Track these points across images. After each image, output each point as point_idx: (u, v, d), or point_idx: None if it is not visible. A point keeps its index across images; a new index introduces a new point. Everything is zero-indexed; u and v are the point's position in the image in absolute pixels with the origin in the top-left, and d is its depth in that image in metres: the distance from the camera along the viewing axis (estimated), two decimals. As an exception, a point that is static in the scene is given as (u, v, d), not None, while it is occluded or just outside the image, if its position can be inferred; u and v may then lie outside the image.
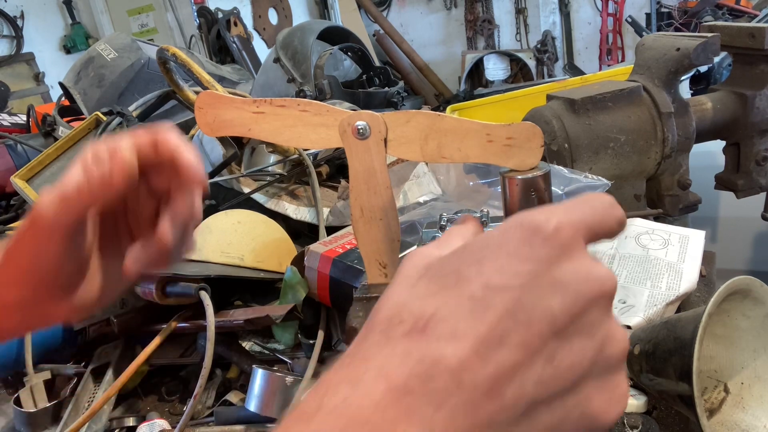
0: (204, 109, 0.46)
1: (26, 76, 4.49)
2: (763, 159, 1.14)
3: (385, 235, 0.44)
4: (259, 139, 0.46)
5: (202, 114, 0.46)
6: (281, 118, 0.45)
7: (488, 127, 0.40)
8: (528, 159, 0.41)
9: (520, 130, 0.40)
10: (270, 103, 0.45)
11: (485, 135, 0.40)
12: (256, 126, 0.45)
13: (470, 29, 5.46)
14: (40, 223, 0.45)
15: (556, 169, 0.95)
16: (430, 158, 0.42)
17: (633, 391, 0.66)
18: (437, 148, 0.42)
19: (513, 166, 0.41)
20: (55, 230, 0.45)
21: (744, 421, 0.59)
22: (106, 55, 1.53)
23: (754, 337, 0.60)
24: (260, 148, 1.33)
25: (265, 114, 0.45)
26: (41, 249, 0.45)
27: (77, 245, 0.47)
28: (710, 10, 3.83)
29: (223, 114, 0.46)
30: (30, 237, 0.46)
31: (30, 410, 0.84)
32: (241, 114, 0.45)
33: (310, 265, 0.90)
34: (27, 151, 1.56)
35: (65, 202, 0.44)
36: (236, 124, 0.46)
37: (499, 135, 0.40)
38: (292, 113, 0.44)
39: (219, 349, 0.88)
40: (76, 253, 0.47)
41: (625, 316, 0.74)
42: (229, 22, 4.62)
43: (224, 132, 0.46)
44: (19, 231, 0.47)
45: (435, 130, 0.41)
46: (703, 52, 1.03)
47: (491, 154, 0.41)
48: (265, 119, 0.45)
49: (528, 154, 0.41)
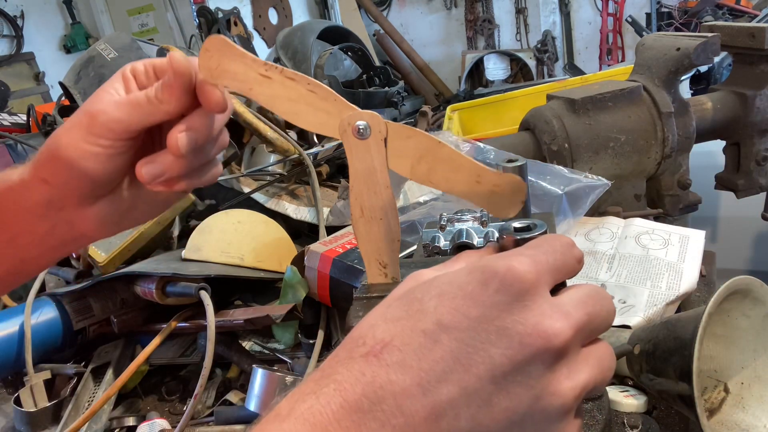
0: (210, 52, 0.45)
1: (26, 76, 4.49)
2: (763, 159, 1.13)
3: (385, 235, 0.44)
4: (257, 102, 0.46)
5: (207, 57, 0.45)
6: (286, 90, 0.44)
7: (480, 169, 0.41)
8: (507, 210, 0.42)
9: (508, 181, 0.41)
10: (280, 72, 0.44)
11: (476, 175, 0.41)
12: (258, 88, 0.45)
13: (470, 29, 5.45)
14: (99, 119, 0.45)
15: (556, 169, 0.95)
16: (418, 179, 0.42)
17: (633, 390, 0.66)
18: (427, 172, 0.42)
19: (492, 212, 0.42)
20: (113, 129, 0.46)
21: (744, 421, 0.59)
22: (107, 54, 1.53)
23: (754, 337, 0.60)
24: (260, 147, 1.33)
25: (272, 80, 0.45)
26: (88, 145, 0.46)
27: (124, 155, 0.48)
28: (710, 10, 3.83)
29: (228, 64, 0.45)
30: (80, 130, 0.46)
31: (30, 410, 0.84)
32: (247, 71, 0.45)
33: (310, 265, 0.90)
34: (27, 150, 1.56)
35: (134, 107, 0.46)
36: (239, 79, 0.45)
37: (488, 180, 0.41)
38: (299, 89, 0.44)
39: (219, 349, 0.88)
40: (119, 163, 0.48)
41: (625, 316, 0.74)
42: (229, 21, 4.61)
43: (224, 80, 0.46)
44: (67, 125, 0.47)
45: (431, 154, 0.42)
46: (703, 52, 1.03)
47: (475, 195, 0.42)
48: (270, 85, 0.45)
49: (509, 206, 0.42)
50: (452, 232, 0.52)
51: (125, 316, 0.95)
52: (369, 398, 0.28)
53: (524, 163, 0.48)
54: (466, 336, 0.29)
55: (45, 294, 0.96)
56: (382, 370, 0.29)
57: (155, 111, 0.46)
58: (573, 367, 0.30)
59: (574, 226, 0.92)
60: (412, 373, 0.28)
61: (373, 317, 0.32)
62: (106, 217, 0.50)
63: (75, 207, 0.49)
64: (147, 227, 1.08)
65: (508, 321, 0.29)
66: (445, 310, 0.30)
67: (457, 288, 0.31)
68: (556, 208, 0.89)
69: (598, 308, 0.32)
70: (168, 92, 0.45)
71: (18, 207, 0.49)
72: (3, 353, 0.88)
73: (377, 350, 0.29)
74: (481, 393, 0.28)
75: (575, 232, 0.93)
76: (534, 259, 0.31)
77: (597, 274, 0.84)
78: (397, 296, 0.33)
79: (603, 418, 0.54)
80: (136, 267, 0.95)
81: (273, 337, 0.95)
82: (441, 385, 0.28)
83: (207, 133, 0.48)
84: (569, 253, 0.34)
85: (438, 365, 0.28)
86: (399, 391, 0.28)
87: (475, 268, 0.31)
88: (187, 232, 1.10)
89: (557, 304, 0.31)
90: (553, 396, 0.29)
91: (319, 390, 0.29)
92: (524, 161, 0.48)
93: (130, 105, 0.46)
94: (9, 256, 0.52)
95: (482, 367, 0.28)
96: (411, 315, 0.30)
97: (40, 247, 0.52)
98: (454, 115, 1.94)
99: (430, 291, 0.31)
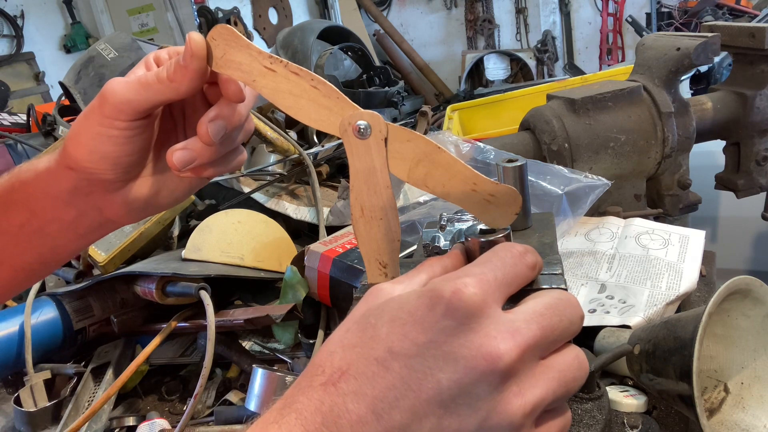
0: (217, 41, 0.45)
1: (26, 76, 4.49)
2: (763, 159, 1.13)
3: (385, 235, 0.44)
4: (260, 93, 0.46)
5: (213, 45, 0.45)
6: (290, 84, 0.44)
7: (477, 177, 0.41)
8: (500, 220, 0.42)
9: (505, 192, 0.41)
10: (285, 66, 0.44)
11: (472, 183, 0.41)
12: (262, 80, 0.45)
13: (470, 29, 5.45)
14: (111, 100, 0.46)
15: (556, 169, 0.95)
16: (414, 182, 0.42)
17: (633, 390, 0.66)
18: (424, 176, 0.42)
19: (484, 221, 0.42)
20: (123, 110, 0.46)
21: (744, 421, 0.59)
22: (107, 54, 1.53)
23: (754, 337, 0.60)
24: (260, 147, 1.33)
25: (276, 73, 0.44)
26: (103, 128, 0.46)
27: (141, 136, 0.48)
28: (710, 10, 3.83)
29: (234, 54, 0.45)
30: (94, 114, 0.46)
31: (30, 410, 0.84)
32: (251, 62, 0.45)
33: (310, 265, 0.90)
34: (27, 150, 1.56)
35: (143, 86, 0.46)
36: (243, 70, 0.45)
37: (484, 188, 0.41)
38: (303, 84, 0.44)
39: (219, 349, 0.88)
40: (138, 145, 0.48)
41: (625, 316, 0.74)
42: (229, 21, 4.62)
43: (228, 70, 0.46)
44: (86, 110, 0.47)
45: (429, 159, 0.41)
46: (703, 51, 1.03)
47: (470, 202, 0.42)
48: (273, 78, 0.45)
49: (502, 216, 0.42)
50: (452, 232, 0.52)
51: (125, 316, 0.95)
52: (328, 428, 0.29)
53: (524, 163, 0.48)
54: (414, 363, 0.30)
55: (45, 294, 0.96)
56: (339, 399, 0.30)
57: (164, 90, 0.46)
58: (525, 384, 0.31)
59: (574, 226, 0.92)
60: (367, 401, 0.29)
61: (332, 343, 0.33)
62: (132, 202, 0.51)
63: (101, 193, 0.50)
64: (147, 227, 1.08)
65: (455, 345, 0.30)
66: (395, 337, 0.31)
67: (407, 314, 0.32)
68: (556, 208, 0.89)
69: (556, 320, 0.33)
70: (181, 72, 0.45)
71: (46, 195, 0.50)
72: (3, 353, 0.88)
73: (335, 379, 0.30)
74: (431, 417, 0.29)
75: (575, 232, 0.93)
76: (480, 279, 0.32)
77: (597, 274, 0.84)
78: (355, 319, 0.34)
79: (603, 418, 0.54)
80: (136, 267, 0.95)
81: (273, 337, 0.95)
82: (393, 411, 0.29)
83: (236, 121, 0.49)
84: (521, 263, 0.35)
85: (390, 392, 0.30)
86: (355, 419, 0.29)
87: (423, 293, 0.32)
88: (187, 232, 1.10)
89: (505, 323, 0.31)
90: (500, 415, 0.30)
91: (281, 419, 0.30)
92: (524, 161, 0.48)
93: (138, 84, 0.46)
94: (38, 244, 0.53)
95: (431, 392, 0.29)
96: (365, 342, 0.31)
97: (68, 234, 0.53)
98: (454, 115, 1.94)
99: (383, 316, 0.32)
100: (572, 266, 0.86)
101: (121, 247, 1.06)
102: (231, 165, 0.53)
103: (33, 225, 0.51)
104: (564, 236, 0.92)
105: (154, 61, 0.50)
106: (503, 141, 1.09)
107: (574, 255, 0.88)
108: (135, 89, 0.46)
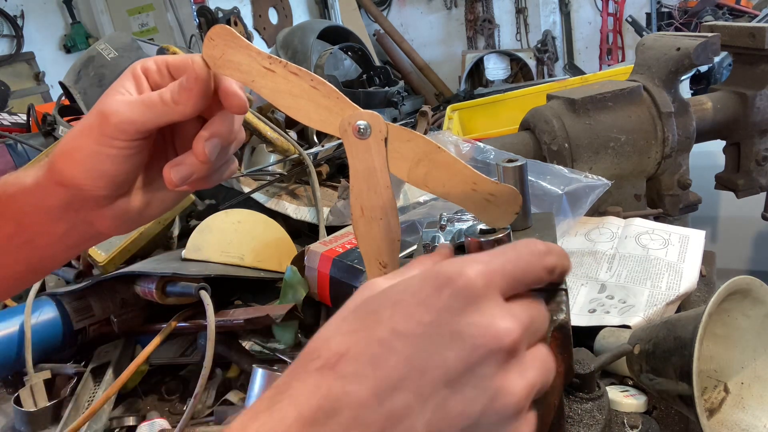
0: (215, 41, 0.45)
1: (26, 76, 4.49)
2: (763, 159, 1.13)
3: (385, 235, 0.44)
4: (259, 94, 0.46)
5: (211, 45, 0.45)
6: (289, 85, 0.44)
7: (477, 176, 0.41)
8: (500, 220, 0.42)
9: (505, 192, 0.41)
10: (284, 66, 0.44)
11: (472, 182, 0.41)
12: (261, 80, 0.45)
13: (470, 29, 5.45)
14: (113, 120, 0.45)
15: (556, 169, 0.95)
16: (414, 182, 0.42)
17: (633, 390, 0.66)
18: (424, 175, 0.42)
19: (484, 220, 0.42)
20: (126, 130, 0.46)
21: (744, 421, 0.58)
22: (107, 54, 1.53)
23: (754, 337, 0.60)
24: (260, 147, 1.33)
25: (275, 74, 0.45)
26: (102, 147, 0.46)
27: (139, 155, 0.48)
28: (710, 10, 3.83)
29: (233, 54, 0.45)
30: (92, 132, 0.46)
31: (30, 410, 0.84)
32: (250, 62, 0.45)
33: (310, 265, 0.90)
34: (27, 150, 1.56)
35: (147, 107, 0.46)
36: (243, 70, 0.45)
37: (484, 188, 0.41)
38: (302, 85, 0.44)
39: (219, 349, 0.88)
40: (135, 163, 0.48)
41: (625, 316, 0.74)
42: (229, 21, 4.62)
43: (226, 71, 0.46)
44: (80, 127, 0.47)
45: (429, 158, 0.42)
46: (703, 51, 1.03)
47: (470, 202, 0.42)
48: (273, 78, 0.45)
49: (502, 216, 0.42)
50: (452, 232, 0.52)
51: (125, 316, 0.95)
52: (325, 411, 0.28)
53: (524, 163, 0.48)
54: (420, 341, 0.29)
55: (45, 294, 0.96)
56: (337, 382, 0.28)
57: (170, 112, 0.46)
58: (523, 366, 0.31)
59: (574, 226, 0.92)
60: (368, 383, 0.28)
61: (327, 331, 0.32)
62: (123, 215, 0.51)
63: (93, 208, 0.49)
64: (147, 227, 1.08)
65: (462, 324, 0.30)
66: (400, 318, 0.30)
67: (411, 295, 0.31)
68: (556, 208, 0.89)
69: (535, 312, 0.33)
70: (186, 95, 0.46)
71: (35, 210, 0.49)
72: (3, 353, 0.88)
73: (332, 362, 0.29)
74: (436, 398, 0.29)
75: (575, 232, 0.93)
76: (487, 265, 0.32)
77: (597, 274, 0.84)
78: (352, 308, 0.33)
79: (603, 418, 0.54)
80: (136, 267, 0.95)
81: (273, 337, 0.95)
82: (396, 392, 0.28)
83: (230, 136, 0.49)
84: (537, 262, 0.34)
85: (393, 373, 0.28)
86: (355, 402, 0.28)
87: (428, 275, 0.32)
88: (187, 232, 1.10)
89: (505, 307, 0.31)
90: (507, 396, 0.30)
91: (272, 406, 0.28)
92: (524, 161, 0.48)
93: (143, 105, 0.46)
94: (27, 255, 0.52)
95: (437, 372, 0.29)
96: (367, 326, 0.30)
97: (58, 246, 0.52)
98: (454, 115, 1.94)
99: (385, 301, 0.31)
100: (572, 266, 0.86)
101: (121, 247, 1.06)
102: (224, 175, 0.53)
103: (21, 237, 0.51)
104: (564, 236, 0.92)
105: (142, 72, 0.49)
106: (503, 141, 1.09)
107: (574, 255, 0.88)
108: (139, 110, 0.46)
